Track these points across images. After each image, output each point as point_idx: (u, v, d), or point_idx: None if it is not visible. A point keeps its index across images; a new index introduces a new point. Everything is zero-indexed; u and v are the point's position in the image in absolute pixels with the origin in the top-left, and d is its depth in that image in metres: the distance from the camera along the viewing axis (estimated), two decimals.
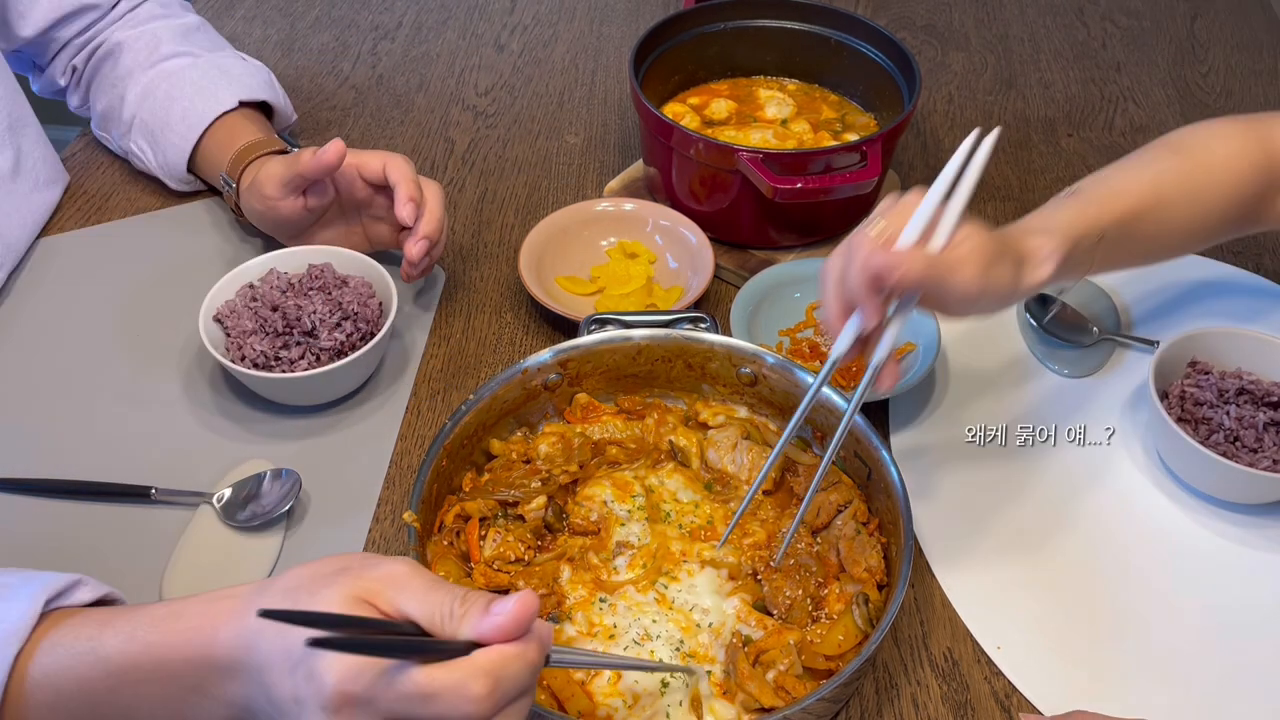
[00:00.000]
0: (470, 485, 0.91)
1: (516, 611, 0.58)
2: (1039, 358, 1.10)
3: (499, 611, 0.59)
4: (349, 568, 0.61)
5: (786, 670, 0.78)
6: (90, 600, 0.69)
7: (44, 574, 0.69)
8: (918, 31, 1.63)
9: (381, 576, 0.61)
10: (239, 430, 1.01)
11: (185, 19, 1.28)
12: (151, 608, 0.66)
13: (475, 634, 0.58)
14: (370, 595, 0.60)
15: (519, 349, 1.11)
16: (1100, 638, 0.88)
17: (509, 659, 0.58)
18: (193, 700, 0.64)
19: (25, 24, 1.20)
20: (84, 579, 0.70)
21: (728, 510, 0.89)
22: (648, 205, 1.20)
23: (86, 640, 0.65)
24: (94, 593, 0.70)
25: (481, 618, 0.59)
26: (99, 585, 0.70)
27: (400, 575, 0.61)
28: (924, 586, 0.91)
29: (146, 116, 1.20)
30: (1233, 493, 0.96)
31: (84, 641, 0.65)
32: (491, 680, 0.57)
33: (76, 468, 0.96)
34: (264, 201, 1.07)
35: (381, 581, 0.60)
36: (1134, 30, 1.64)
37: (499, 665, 0.58)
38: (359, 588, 0.60)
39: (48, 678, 0.65)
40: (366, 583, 0.60)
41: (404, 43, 1.57)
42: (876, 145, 1.12)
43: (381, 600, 0.60)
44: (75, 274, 1.17)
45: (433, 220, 1.04)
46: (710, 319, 0.97)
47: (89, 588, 0.70)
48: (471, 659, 0.58)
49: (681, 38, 1.30)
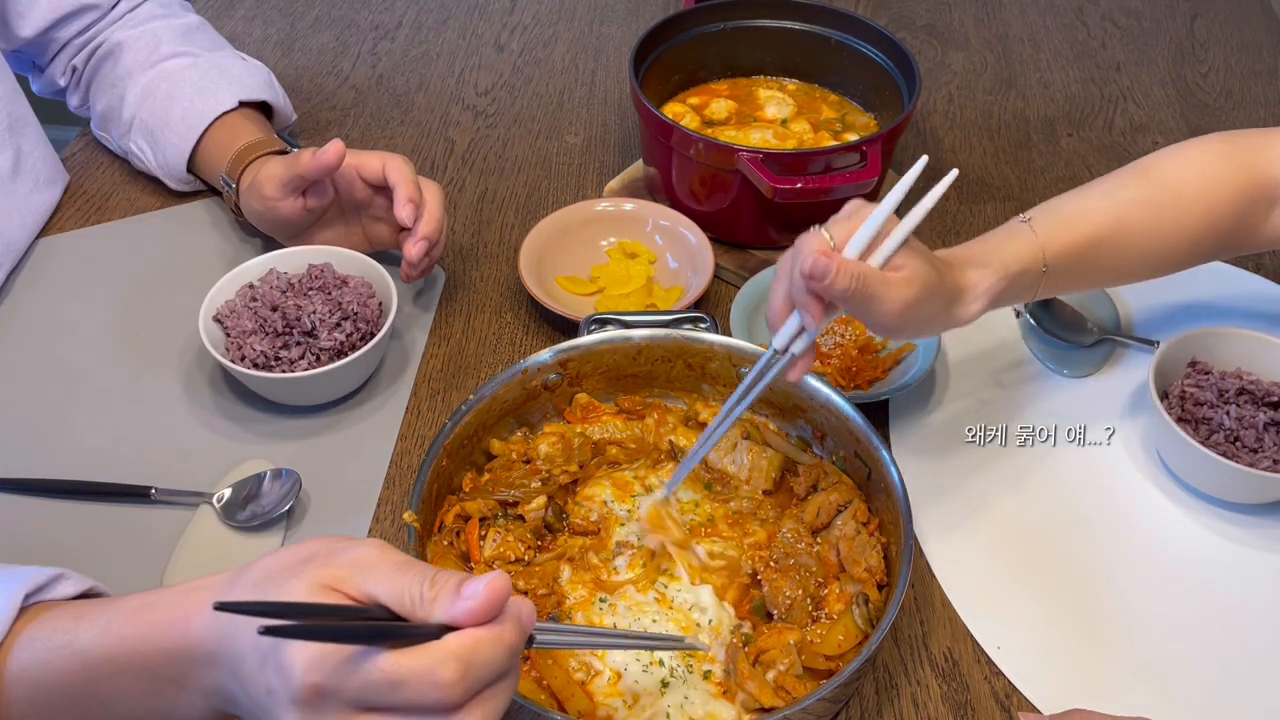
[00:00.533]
0: (470, 485, 0.91)
1: (487, 595, 0.57)
2: (1039, 358, 1.10)
3: (469, 595, 0.57)
4: (315, 555, 0.60)
5: (786, 670, 0.78)
6: (73, 594, 0.69)
7: (25, 568, 0.68)
8: (918, 31, 1.63)
9: (348, 562, 0.59)
10: (239, 430, 1.01)
11: (185, 19, 1.28)
12: (126, 599, 0.66)
13: (447, 617, 0.57)
14: (337, 582, 0.59)
15: (519, 349, 1.11)
16: (1100, 638, 0.88)
17: (481, 642, 0.57)
18: (171, 694, 0.63)
19: (25, 24, 1.20)
20: (66, 573, 0.69)
21: (728, 510, 0.89)
22: (648, 205, 1.20)
23: (63, 634, 0.64)
24: (76, 586, 0.69)
25: (453, 600, 0.57)
26: (81, 579, 0.70)
27: (367, 559, 0.60)
28: (924, 586, 0.91)
29: (146, 116, 1.20)
30: (1233, 493, 0.96)
31: (60, 635, 0.64)
32: (461, 665, 0.56)
33: (76, 468, 0.96)
34: (264, 202, 1.07)
35: (348, 567, 0.59)
36: (1134, 30, 1.64)
37: (470, 649, 0.56)
38: (325, 575, 0.59)
39: (26, 672, 0.64)
40: (333, 569, 0.59)
41: (404, 43, 1.57)
42: (876, 145, 1.12)
43: (349, 586, 0.58)
44: (75, 274, 1.17)
45: (432, 221, 1.04)
46: (710, 319, 0.97)
47: (71, 582, 0.69)
48: (442, 643, 0.56)
49: (681, 38, 1.30)
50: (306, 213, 1.07)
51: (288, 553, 0.62)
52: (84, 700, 0.65)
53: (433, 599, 0.57)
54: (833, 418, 0.91)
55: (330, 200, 1.08)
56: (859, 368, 1.05)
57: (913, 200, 0.79)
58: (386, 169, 1.05)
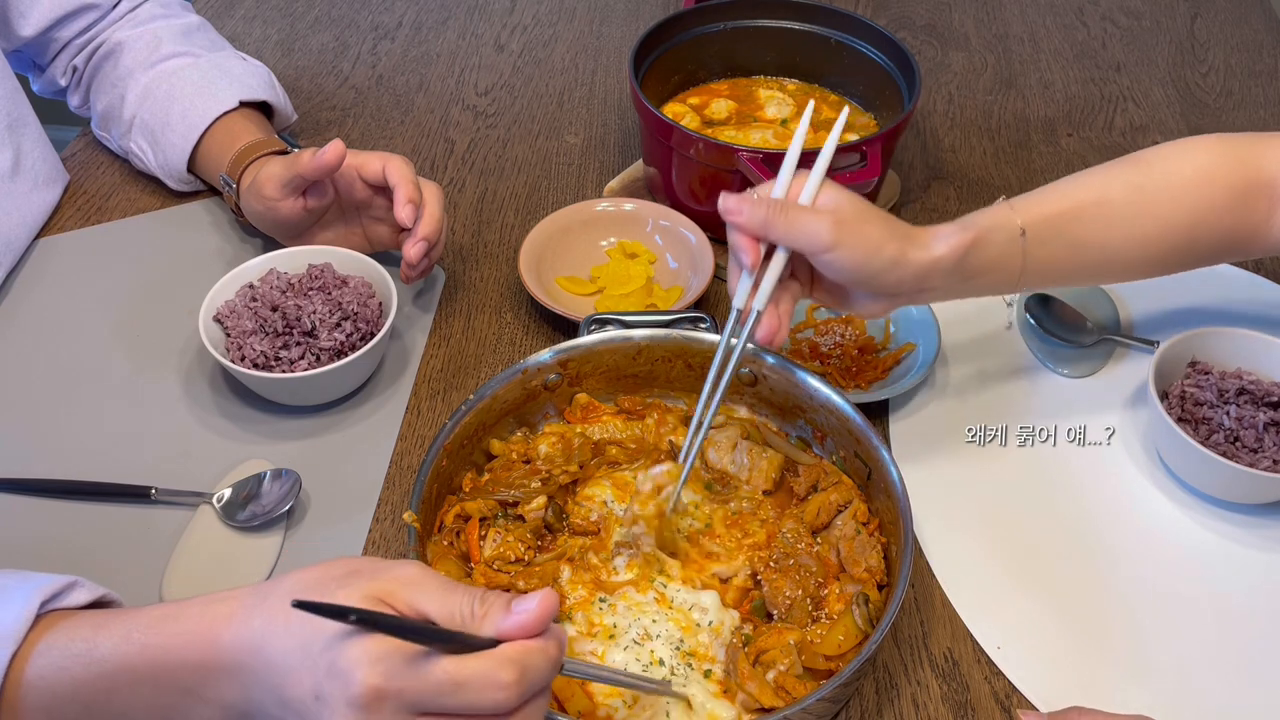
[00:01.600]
0: (470, 485, 0.91)
1: (540, 609, 0.59)
2: (1039, 358, 1.10)
3: (522, 610, 0.59)
4: (360, 570, 0.62)
5: (786, 670, 0.78)
6: (86, 602, 0.69)
7: (39, 575, 0.68)
8: (918, 31, 1.63)
9: (395, 578, 0.61)
10: (239, 430, 1.01)
11: (185, 19, 1.28)
12: (147, 610, 0.66)
13: (498, 631, 0.59)
14: (387, 595, 0.60)
15: (519, 349, 1.11)
16: (1100, 637, 0.88)
17: (533, 651, 0.59)
18: (184, 704, 0.64)
19: (25, 23, 1.20)
20: (80, 581, 0.70)
21: (728, 511, 0.89)
22: (648, 205, 1.20)
23: (82, 642, 0.65)
24: (90, 594, 0.69)
25: (504, 615, 0.59)
26: (95, 587, 0.70)
27: (414, 577, 0.61)
28: (924, 586, 0.91)
29: (147, 117, 1.20)
30: (1233, 493, 0.96)
31: (79, 644, 0.65)
32: (519, 669, 0.58)
33: (76, 468, 0.96)
34: (263, 202, 1.07)
35: (396, 582, 0.61)
36: (1134, 30, 1.64)
37: (524, 655, 0.59)
38: (375, 588, 0.60)
39: (43, 680, 0.64)
40: (382, 583, 0.60)
41: (404, 43, 1.57)
42: (876, 145, 1.12)
43: (398, 601, 0.60)
44: (75, 274, 1.17)
45: (432, 222, 1.04)
46: (710, 319, 0.97)
47: (85, 589, 0.69)
48: (500, 649, 0.59)
49: (681, 38, 1.30)
50: (306, 213, 1.07)
51: (325, 566, 0.63)
52: (99, 709, 0.65)
53: (483, 615, 0.60)
54: (833, 418, 0.91)
55: (330, 200, 1.08)
56: (859, 368, 1.05)
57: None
58: (387, 170, 1.05)
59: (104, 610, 0.69)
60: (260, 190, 1.06)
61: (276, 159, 1.10)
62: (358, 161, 1.06)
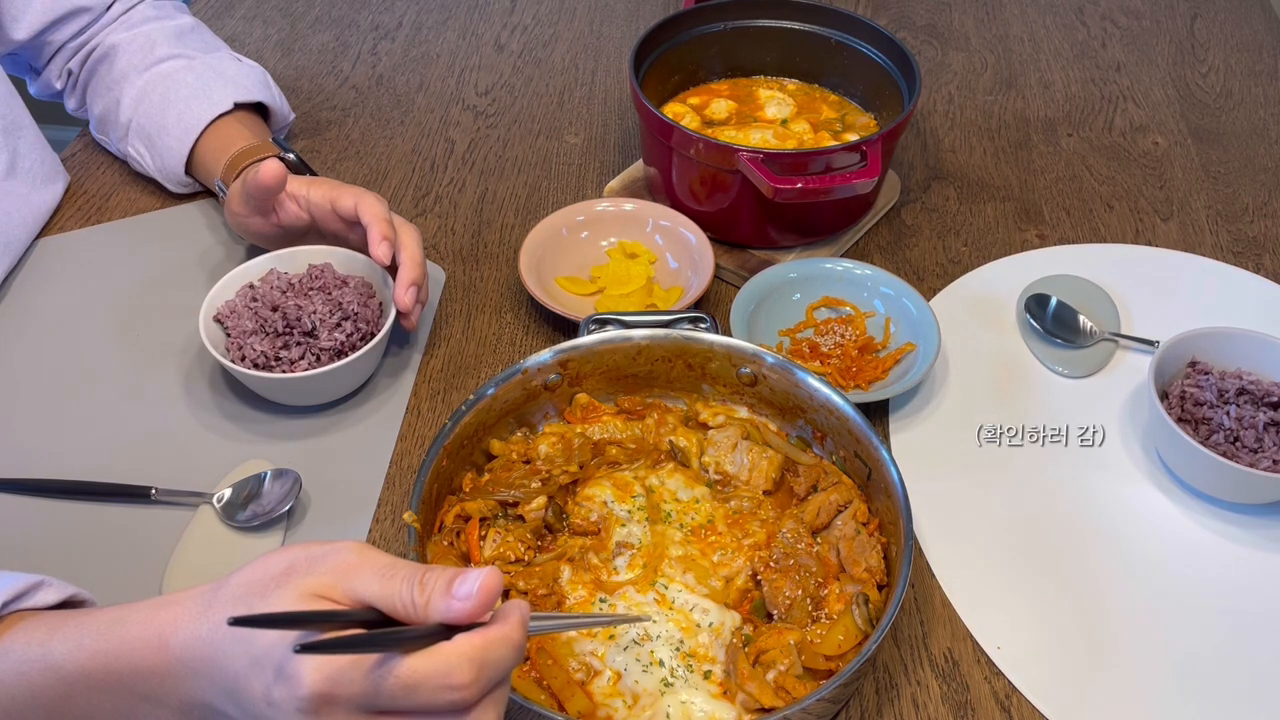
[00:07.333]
0: (470, 485, 0.91)
1: (482, 595, 0.57)
2: (1039, 358, 1.10)
3: (464, 595, 0.57)
4: (295, 565, 0.60)
5: (786, 670, 0.78)
6: (55, 601, 0.68)
7: (5, 575, 0.67)
8: (918, 31, 1.63)
9: (331, 569, 0.59)
10: (239, 430, 1.01)
11: (180, 20, 1.28)
12: (99, 613, 0.65)
13: (444, 618, 0.57)
14: (325, 590, 0.59)
15: (519, 349, 1.11)
16: (1100, 637, 0.88)
17: (493, 643, 0.57)
18: (144, 710, 0.63)
19: (18, 27, 1.19)
20: (47, 580, 0.68)
21: (728, 510, 0.89)
22: (648, 205, 1.20)
23: (37, 646, 0.64)
24: (58, 594, 0.68)
25: (445, 600, 0.57)
26: (63, 586, 0.69)
27: (350, 563, 0.59)
28: (924, 586, 0.91)
29: (143, 120, 1.20)
30: (1233, 493, 0.96)
31: (35, 648, 0.64)
32: (475, 667, 0.56)
33: (76, 468, 0.96)
34: (233, 217, 1.07)
35: (332, 574, 0.59)
36: (1134, 30, 1.64)
37: (482, 650, 0.57)
38: (312, 584, 0.59)
39: (1, 684, 0.63)
40: (318, 577, 0.59)
41: (404, 43, 1.57)
42: (876, 145, 1.12)
43: (336, 593, 0.59)
44: (75, 274, 1.17)
45: (415, 266, 1.02)
46: (710, 319, 0.97)
47: (53, 589, 0.68)
48: (454, 646, 0.56)
49: (681, 38, 1.30)
50: (280, 229, 1.06)
51: (263, 564, 0.61)
52: (59, 715, 0.64)
53: (424, 603, 0.57)
54: (833, 418, 0.91)
55: (306, 223, 1.07)
56: (859, 368, 1.05)
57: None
58: (359, 207, 1.02)
59: (62, 612, 0.68)
60: (229, 204, 1.06)
61: (250, 169, 1.08)
62: (333, 194, 1.04)
